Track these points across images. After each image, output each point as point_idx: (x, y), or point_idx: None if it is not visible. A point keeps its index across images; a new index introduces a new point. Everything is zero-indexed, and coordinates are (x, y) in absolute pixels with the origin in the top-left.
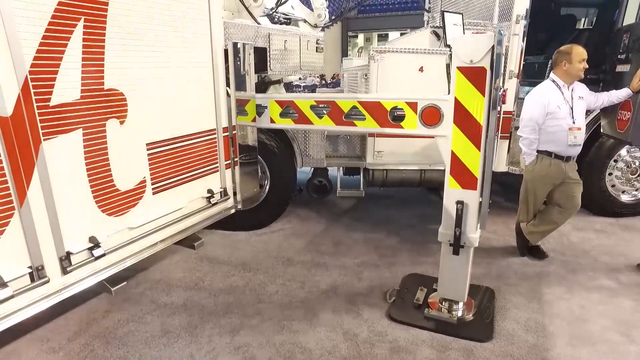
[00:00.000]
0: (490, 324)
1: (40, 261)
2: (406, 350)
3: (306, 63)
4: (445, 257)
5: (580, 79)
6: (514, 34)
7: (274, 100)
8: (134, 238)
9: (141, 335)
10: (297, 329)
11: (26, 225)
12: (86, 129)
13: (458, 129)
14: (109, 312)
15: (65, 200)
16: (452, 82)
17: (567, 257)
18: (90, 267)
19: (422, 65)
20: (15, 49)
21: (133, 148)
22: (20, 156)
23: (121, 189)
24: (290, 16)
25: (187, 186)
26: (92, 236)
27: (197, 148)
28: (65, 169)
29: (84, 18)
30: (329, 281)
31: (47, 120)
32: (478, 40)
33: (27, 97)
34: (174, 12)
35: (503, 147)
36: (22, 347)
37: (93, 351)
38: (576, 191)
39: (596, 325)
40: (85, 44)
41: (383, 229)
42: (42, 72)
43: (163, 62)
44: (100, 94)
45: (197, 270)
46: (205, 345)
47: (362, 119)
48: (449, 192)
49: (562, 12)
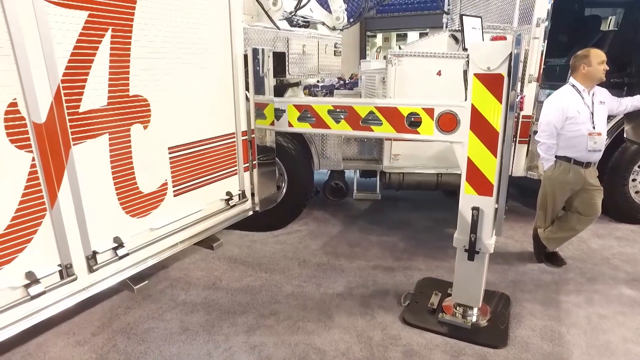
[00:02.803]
0: (505, 331)
1: (69, 259)
2: (419, 355)
3: (324, 66)
4: (460, 263)
5: (601, 81)
6: (534, 37)
7: (292, 105)
8: (155, 238)
9: (161, 331)
10: (312, 330)
11: (56, 225)
12: (112, 134)
13: (474, 136)
14: (130, 309)
15: (92, 202)
16: (469, 88)
17: (586, 265)
18: (114, 266)
19: (440, 69)
20: (49, 59)
21: (155, 152)
22: (52, 160)
23: (144, 191)
24: (308, 19)
25: (206, 188)
26: (117, 236)
27: (216, 151)
28: (92, 172)
29: (112, 28)
30: (344, 283)
31: (77, 126)
32: (495, 47)
33: (59, 105)
34: (197, 21)
35: (522, 151)
36: (50, 339)
37: (115, 346)
38: (596, 198)
39: (615, 336)
40: (112, 52)
41: (399, 232)
42: (72, 81)
43: (185, 68)
44: (126, 100)
45: (215, 269)
46: (222, 344)
47: (379, 124)
48: (464, 197)
49: (587, 13)
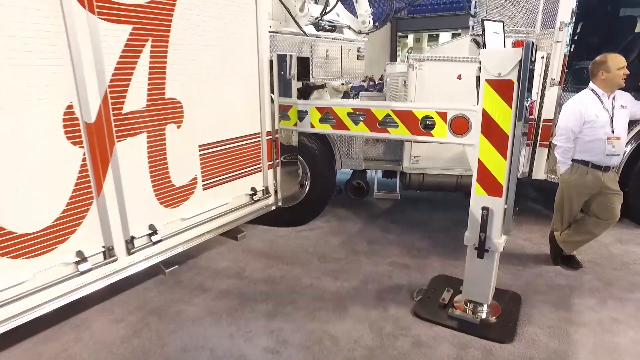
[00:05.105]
0: (513, 328)
1: (111, 242)
2: (427, 345)
3: (347, 69)
4: (470, 260)
5: (621, 86)
6: (556, 41)
7: (314, 107)
8: (185, 228)
9: (189, 314)
10: (327, 319)
11: (101, 211)
12: (150, 133)
13: (485, 139)
14: (162, 293)
15: (131, 192)
16: (481, 93)
17: (604, 269)
18: (149, 250)
19: (460, 73)
20: (99, 67)
21: (187, 149)
22: (99, 154)
23: (176, 184)
24: (335, 23)
25: (232, 184)
26: (151, 224)
27: (242, 149)
28: (132, 165)
29: (151, 39)
30: (360, 278)
31: (120, 125)
32: (506, 54)
33: (106, 106)
34: (226, 29)
35: (542, 154)
36: (92, 315)
37: (148, 324)
38: (615, 202)
39: (625, 338)
40: (151, 60)
41: (417, 231)
42: (117, 86)
43: (215, 73)
44: (162, 103)
45: (239, 260)
46: (243, 327)
47: (395, 126)
48: (475, 198)
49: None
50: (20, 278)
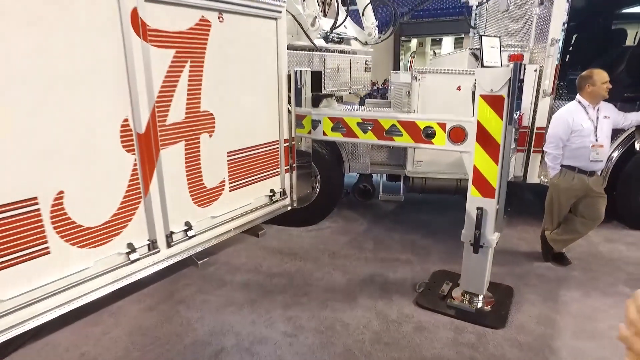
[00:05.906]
0: (505, 316)
1: (154, 236)
2: (427, 330)
3: (356, 80)
4: (467, 255)
5: (605, 98)
6: (548, 55)
7: (327, 117)
8: (215, 224)
9: (213, 304)
10: (338, 307)
11: (147, 209)
12: (187, 141)
13: (479, 147)
14: (188, 285)
15: (171, 193)
16: (476, 106)
17: (591, 266)
18: (185, 243)
19: (459, 85)
20: (149, 86)
21: (217, 155)
22: (147, 161)
23: (207, 186)
24: (343, 35)
25: (254, 186)
26: (187, 221)
27: (263, 155)
28: (172, 170)
29: (190, 60)
30: (367, 272)
31: (164, 135)
32: (497, 73)
33: (153, 119)
34: (251, 50)
35: (536, 160)
36: (127, 305)
37: (178, 312)
38: (599, 204)
39: (604, 325)
40: (189, 78)
41: (419, 231)
42: (163, 101)
43: (242, 88)
44: (198, 115)
45: (257, 257)
46: (263, 315)
47: (400, 135)
48: (470, 199)
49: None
50: (86, 264)
